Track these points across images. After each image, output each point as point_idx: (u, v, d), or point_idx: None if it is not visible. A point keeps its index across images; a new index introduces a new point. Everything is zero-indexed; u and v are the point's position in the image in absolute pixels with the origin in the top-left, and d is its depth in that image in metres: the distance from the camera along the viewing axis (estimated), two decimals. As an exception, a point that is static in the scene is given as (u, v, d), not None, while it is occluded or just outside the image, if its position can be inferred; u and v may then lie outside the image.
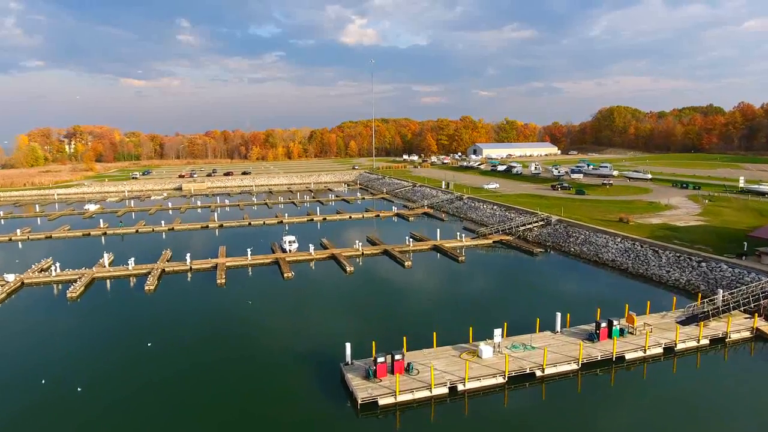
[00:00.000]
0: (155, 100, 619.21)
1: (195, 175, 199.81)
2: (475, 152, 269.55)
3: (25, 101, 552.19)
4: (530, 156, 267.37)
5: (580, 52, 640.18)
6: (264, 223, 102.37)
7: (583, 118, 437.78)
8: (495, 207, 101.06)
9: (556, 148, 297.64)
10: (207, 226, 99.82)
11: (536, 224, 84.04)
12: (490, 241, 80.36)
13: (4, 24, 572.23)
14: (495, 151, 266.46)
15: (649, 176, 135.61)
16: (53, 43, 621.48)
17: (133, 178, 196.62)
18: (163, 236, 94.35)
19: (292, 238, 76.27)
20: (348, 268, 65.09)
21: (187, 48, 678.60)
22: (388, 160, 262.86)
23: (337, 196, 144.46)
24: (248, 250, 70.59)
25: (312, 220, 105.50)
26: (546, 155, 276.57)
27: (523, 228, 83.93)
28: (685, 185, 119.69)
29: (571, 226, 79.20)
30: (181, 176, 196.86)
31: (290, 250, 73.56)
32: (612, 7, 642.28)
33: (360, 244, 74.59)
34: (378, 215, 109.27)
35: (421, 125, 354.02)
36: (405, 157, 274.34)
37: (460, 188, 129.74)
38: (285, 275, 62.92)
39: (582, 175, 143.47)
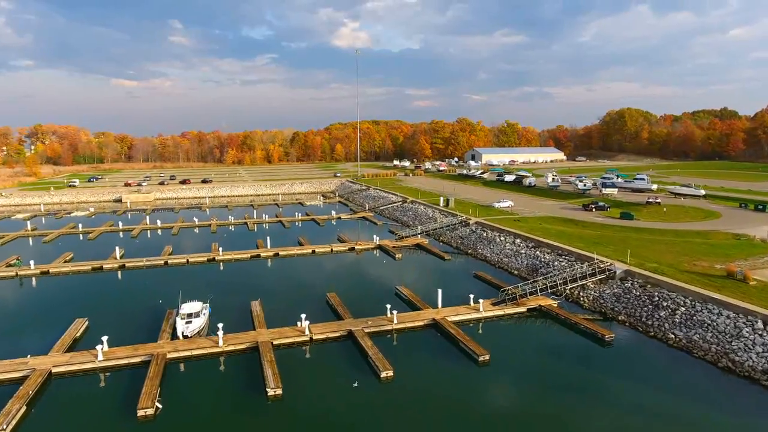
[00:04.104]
0: (146, 102, 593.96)
1: (145, 184, 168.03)
2: (473, 158, 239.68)
3: (14, 100, 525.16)
4: (534, 162, 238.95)
5: (570, 57, 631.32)
6: (188, 261, 71.41)
7: (575, 122, 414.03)
8: (518, 241, 70.64)
9: (563, 153, 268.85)
10: (101, 268, 68.54)
11: (592, 278, 53.74)
12: (524, 309, 49.95)
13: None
14: (496, 157, 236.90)
15: (703, 192, 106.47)
16: (44, 42, 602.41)
17: (70, 186, 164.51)
18: (33, 283, 63.79)
19: (196, 307, 45.12)
20: (271, 390, 33.99)
21: (180, 49, 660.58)
22: (377, 166, 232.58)
23: (307, 214, 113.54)
24: (104, 339, 39.52)
25: (259, 256, 74.80)
26: (551, 161, 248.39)
27: (573, 285, 53.53)
28: (761, 207, 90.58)
29: (653, 285, 49.20)
30: (127, 184, 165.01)
31: (185, 335, 42.67)
32: (601, 14, 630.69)
33: (308, 322, 43.86)
34: (353, 248, 78.78)
35: (413, 127, 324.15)
36: (396, 162, 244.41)
37: (463, 207, 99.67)
38: (140, 412, 31.66)
39: (616, 189, 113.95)
